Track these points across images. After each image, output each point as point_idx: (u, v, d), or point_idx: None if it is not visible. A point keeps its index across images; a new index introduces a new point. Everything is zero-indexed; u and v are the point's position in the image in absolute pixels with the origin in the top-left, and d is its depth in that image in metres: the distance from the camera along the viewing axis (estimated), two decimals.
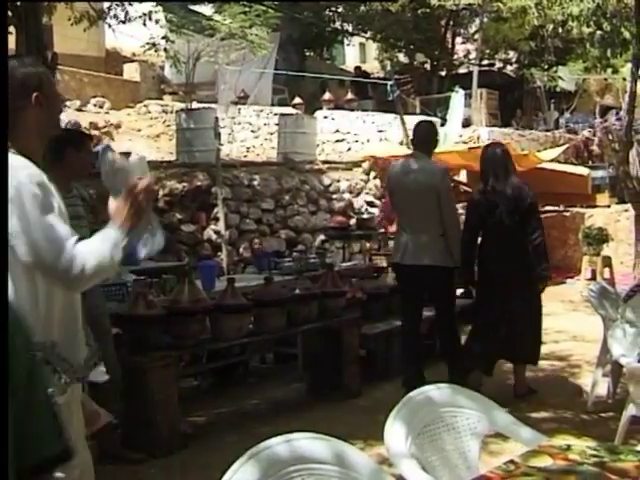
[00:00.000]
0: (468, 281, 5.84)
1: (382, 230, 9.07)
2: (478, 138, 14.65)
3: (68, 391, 2.29)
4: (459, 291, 8.32)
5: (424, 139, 5.69)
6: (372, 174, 12.35)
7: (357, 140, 14.87)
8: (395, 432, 2.24)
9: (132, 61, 18.35)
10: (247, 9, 13.05)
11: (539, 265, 5.28)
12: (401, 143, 13.91)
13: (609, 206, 14.03)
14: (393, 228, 8.62)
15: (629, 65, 10.11)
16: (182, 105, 13.91)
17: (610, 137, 15.00)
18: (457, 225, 5.62)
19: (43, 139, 2.43)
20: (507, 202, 5.29)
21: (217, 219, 9.43)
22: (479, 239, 5.58)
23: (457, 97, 16.35)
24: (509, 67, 24.00)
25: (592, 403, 5.12)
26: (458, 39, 23.90)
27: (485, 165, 5.52)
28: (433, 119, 15.27)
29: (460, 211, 6.64)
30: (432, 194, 5.39)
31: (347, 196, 11.66)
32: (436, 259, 5.40)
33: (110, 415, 3.77)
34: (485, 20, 19.65)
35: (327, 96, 16.06)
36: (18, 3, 7.28)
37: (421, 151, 5.64)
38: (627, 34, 10.23)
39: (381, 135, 14.62)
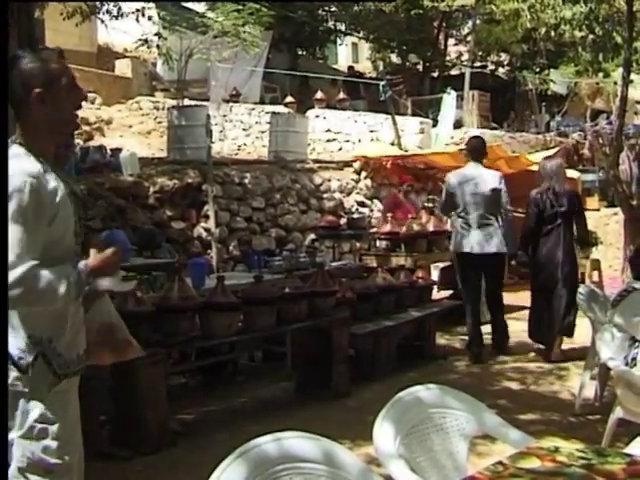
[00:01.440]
0: (523, 263, 6.91)
1: (373, 230, 9.07)
2: None
3: (63, 382, 2.35)
4: (448, 292, 8.38)
5: (479, 151, 6.95)
6: (363, 174, 12.35)
7: (348, 140, 14.87)
8: (384, 432, 2.24)
9: (124, 57, 18.27)
10: (240, 7, 13.03)
11: (585, 241, 6.99)
12: (392, 143, 13.92)
13: (599, 209, 14.11)
14: (386, 228, 8.63)
15: (620, 69, 10.14)
16: (174, 102, 13.84)
17: (600, 141, 15.04)
18: (511, 219, 6.89)
19: (53, 135, 2.40)
20: (562, 203, 6.55)
21: (207, 217, 9.41)
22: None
23: (449, 98, 16.40)
24: (501, 69, 24.12)
25: (580, 406, 5.14)
26: (451, 41, 23.99)
27: (545, 174, 6.73)
28: (425, 120, 15.41)
29: None
30: (496, 195, 6.70)
31: (338, 196, 11.65)
32: (499, 247, 6.70)
33: (142, 350, 3.85)
34: (478, 22, 19.72)
35: (319, 95, 16.05)
36: None
37: (477, 161, 6.89)
38: (619, 38, 10.30)
39: (372, 135, 14.63)
